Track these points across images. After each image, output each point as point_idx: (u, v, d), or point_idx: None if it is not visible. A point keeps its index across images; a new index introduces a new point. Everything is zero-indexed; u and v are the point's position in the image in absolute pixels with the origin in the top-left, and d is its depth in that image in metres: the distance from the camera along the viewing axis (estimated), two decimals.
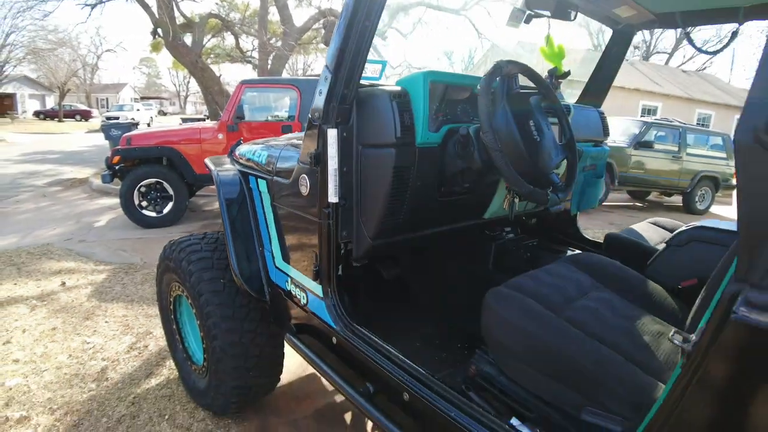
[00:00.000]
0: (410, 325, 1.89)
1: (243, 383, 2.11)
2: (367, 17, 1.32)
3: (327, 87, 1.41)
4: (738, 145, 0.64)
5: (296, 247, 1.75)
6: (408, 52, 19.72)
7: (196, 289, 2.05)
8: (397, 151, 1.45)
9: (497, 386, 1.25)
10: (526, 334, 1.14)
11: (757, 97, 0.62)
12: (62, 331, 3.26)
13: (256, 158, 2.04)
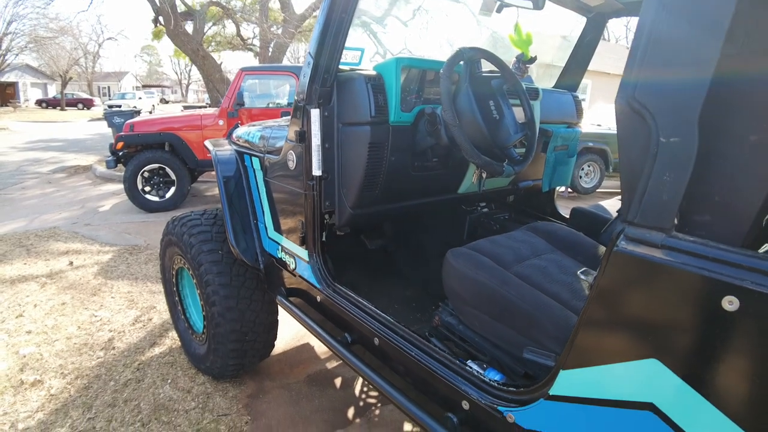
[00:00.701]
0: (392, 290, 2.08)
1: (240, 346, 2.31)
2: (344, 11, 1.49)
3: (309, 71, 1.59)
4: (617, 110, 0.81)
5: (286, 217, 1.94)
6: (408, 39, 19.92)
7: (197, 259, 2.24)
8: (372, 128, 1.63)
9: (457, 334, 1.45)
10: (475, 283, 1.33)
11: (628, 76, 0.80)
12: (71, 305, 3.47)
13: (250, 138, 2.23)
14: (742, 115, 0.76)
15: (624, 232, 0.82)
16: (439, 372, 1.26)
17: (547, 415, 0.99)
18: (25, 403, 2.42)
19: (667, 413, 0.78)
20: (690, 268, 0.73)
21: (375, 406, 2.50)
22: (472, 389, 1.17)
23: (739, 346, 0.71)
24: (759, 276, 0.67)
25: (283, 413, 2.42)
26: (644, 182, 0.77)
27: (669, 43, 0.76)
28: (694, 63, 0.73)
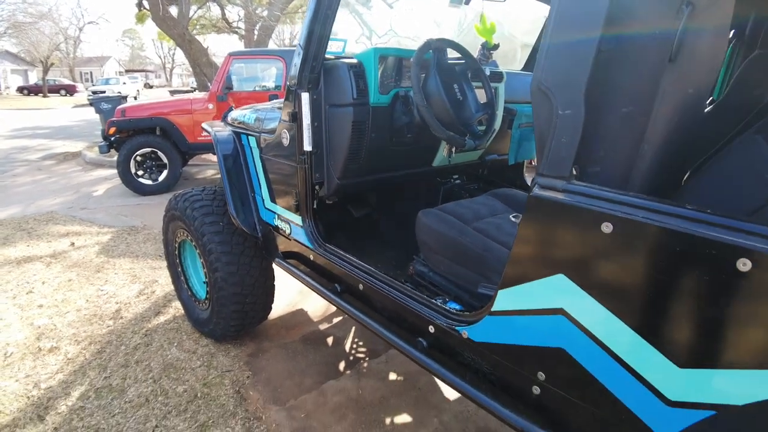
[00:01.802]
0: (375, 251, 2.36)
1: (241, 308, 2.59)
2: (329, 7, 1.76)
3: (300, 60, 1.85)
4: (531, 91, 1.09)
5: (281, 188, 2.22)
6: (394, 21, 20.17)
7: (200, 230, 2.51)
8: (355, 109, 1.90)
9: (427, 279, 1.74)
10: (440, 234, 1.61)
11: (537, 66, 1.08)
12: (77, 282, 3.73)
13: (246, 120, 2.49)
14: (616, 93, 1.04)
15: (537, 181, 1.11)
16: (411, 306, 1.55)
17: (491, 328, 1.28)
18: (45, 367, 2.68)
19: (572, 314, 1.07)
20: (581, 205, 1.01)
21: (364, 359, 2.81)
22: (437, 316, 1.46)
23: (616, 260, 1.00)
24: (627, 208, 0.96)
25: (280, 368, 2.71)
26: (549, 144, 1.05)
27: (562, 42, 1.04)
28: (579, 56, 1.01)
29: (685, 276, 0.91)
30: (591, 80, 0.99)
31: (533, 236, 1.13)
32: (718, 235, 0.85)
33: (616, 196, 0.97)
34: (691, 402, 0.94)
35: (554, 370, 1.15)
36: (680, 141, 1.20)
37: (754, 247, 0.81)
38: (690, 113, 1.23)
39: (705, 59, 1.19)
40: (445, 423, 2.34)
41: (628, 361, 1.00)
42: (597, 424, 1.11)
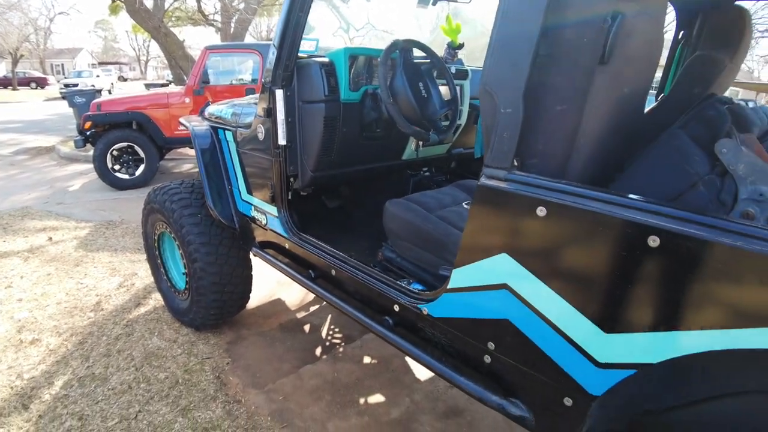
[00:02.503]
0: (348, 240, 2.49)
1: (220, 297, 2.69)
2: (301, 9, 1.87)
3: (274, 59, 1.97)
4: (479, 91, 1.23)
5: (257, 181, 2.33)
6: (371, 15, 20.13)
7: (179, 222, 2.61)
8: (326, 105, 2.03)
9: (395, 265, 1.87)
10: (405, 222, 1.75)
11: (484, 69, 1.22)
12: (56, 276, 3.79)
13: (223, 115, 2.59)
14: (551, 93, 1.18)
15: (484, 172, 1.25)
16: (379, 288, 1.69)
17: (447, 304, 1.42)
18: (27, 358, 2.76)
19: (515, 289, 1.21)
20: (520, 192, 1.16)
21: (340, 345, 2.94)
22: (401, 296, 1.60)
23: (550, 240, 1.14)
24: (558, 194, 1.10)
25: (259, 354, 2.83)
26: (493, 138, 1.19)
27: (503, 47, 1.17)
28: (517, 60, 1.15)
29: (606, 252, 1.05)
30: (529, 82, 1.13)
31: (481, 221, 1.27)
32: (632, 215, 1.00)
33: (549, 183, 1.11)
34: (616, 363, 1.09)
35: (502, 339, 1.30)
36: (619, 135, 1.35)
37: (661, 226, 0.96)
38: (627, 110, 1.38)
39: (639, 62, 1.34)
40: (417, 401, 2.49)
41: (564, 329, 1.15)
42: (540, 387, 1.26)
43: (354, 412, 2.40)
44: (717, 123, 1.24)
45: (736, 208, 1.14)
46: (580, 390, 1.17)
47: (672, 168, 1.22)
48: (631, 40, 1.20)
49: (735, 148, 1.16)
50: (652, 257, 0.98)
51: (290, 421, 2.33)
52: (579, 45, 1.15)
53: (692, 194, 1.17)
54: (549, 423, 1.28)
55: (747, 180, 1.14)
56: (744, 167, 1.14)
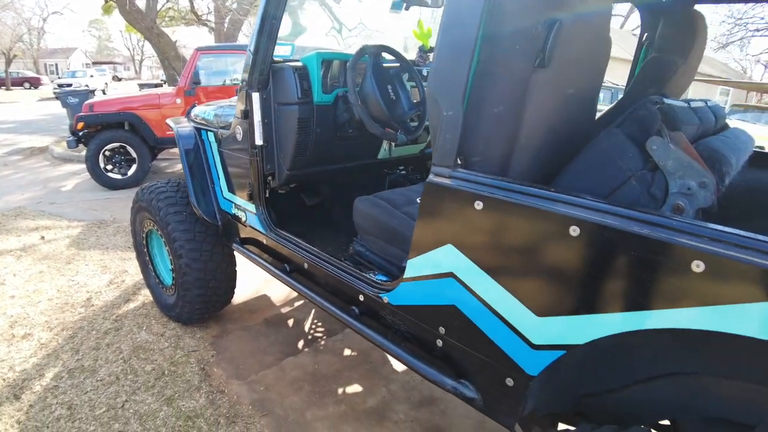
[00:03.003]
0: (326, 235, 2.62)
1: (204, 292, 2.81)
2: (274, 17, 2.00)
3: (250, 64, 2.09)
4: (426, 96, 1.36)
5: (236, 180, 2.46)
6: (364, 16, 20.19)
7: (165, 220, 2.73)
8: (300, 107, 2.15)
9: (365, 259, 2.00)
10: (372, 218, 1.87)
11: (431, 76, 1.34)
12: (48, 273, 3.90)
13: (206, 116, 2.72)
14: (489, 96, 1.31)
15: (431, 170, 1.37)
16: (346, 279, 1.81)
17: (404, 293, 1.54)
18: (18, 352, 2.88)
19: (460, 276, 1.34)
20: (461, 187, 1.28)
21: (321, 338, 3.07)
22: (365, 287, 1.73)
23: (487, 231, 1.26)
24: (492, 189, 1.23)
25: (243, 347, 2.96)
26: (438, 139, 1.32)
27: (445, 55, 1.30)
28: (457, 67, 1.27)
29: (534, 242, 1.18)
30: (468, 86, 1.26)
31: (429, 215, 1.40)
32: (555, 208, 1.12)
33: (484, 179, 1.24)
34: (548, 344, 1.21)
35: (450, 324, 1.42)
36: (567, 135, 1.46)
37: (580, 217, 1.08)
38: (576, 111, 1.50)
39: (583, 65, 1.46)
40: (393, 392, 2.62)
41: (502, 313, 1.27)
42: (485, 369, 1.39)
43: (332, 402, 2.53)
44: (648, 122, 1.36)
45: (668, 201, 1.26)
46: (519, 370, 1.29)
47: (607, 165, 1.33)
48: (573, 44, 1.32)
49: (664, 145, 1.28)
50: (573, 246, 1.11)
51: (270, 410, 2.45)
52: (513, 52, 1.27)
53: (626, 189, 1.29)
54: (494, 403, 1.40)
55: (676, 175, 1.25)
56: (672, 163, 1.25)
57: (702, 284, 0.94)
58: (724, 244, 0.91)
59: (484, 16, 1.23)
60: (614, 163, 1.31)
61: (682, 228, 0.96)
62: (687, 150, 1.33)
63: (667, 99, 1.56)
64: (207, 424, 2.34)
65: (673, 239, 0.96)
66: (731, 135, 1.82)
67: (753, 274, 0.87)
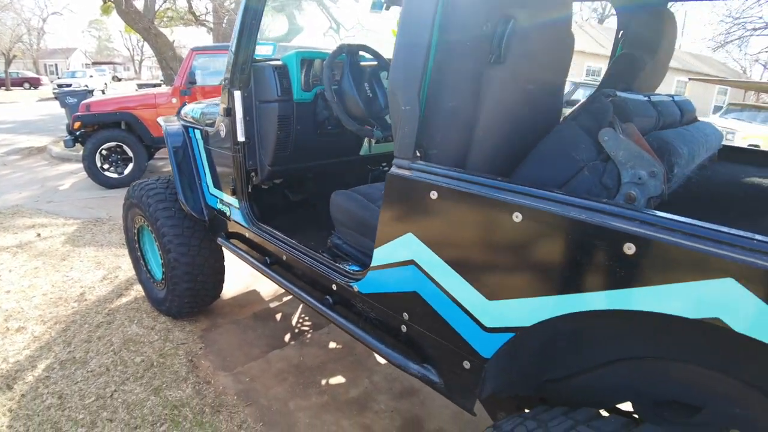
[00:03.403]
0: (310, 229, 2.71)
1: (193, 286, 2.91)
2: (253, 18, 2.09)
3: (231, 63, 2.18)
4: (388, 93, 1.45)
5: (221, 176, 2.55)
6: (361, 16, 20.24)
7: (154, 215, 2.82)
8: (280, 105, 2.24)
9: (342, 251, 2.08)
10: (347, 211, 1.96)
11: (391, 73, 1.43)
12: (43, 269, 4.00)
13: (193, 114, 2.81)
14: (444, 92, 1.39)
15: (393, 162, 1.46)
16: (320, 270, 1.90)
17: (371, 281, 1.62)
18: (12, 344, 2.97)
19: (420, 264, 1.42)
20: (418, 178, 1.37)
21: (308, 332, 3.16)
22: (338, 276, 1.81)
23: (442, 219, 1.35)
24: (445, 179, 1.31)
25: (231, 340, 3.05)
26: (398, 132, 1.41)
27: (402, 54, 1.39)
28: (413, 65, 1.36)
29: (482, 229, 1.26)
30: (425, 82, 1.35)
31: (391, 205, 1.49)
32: (499, 195, 1.20)
33: (439, 170, 1.33)
34: (499, 327, 1.29)
35: (413, 309, 1.51)
36: (530, 127, 1.54)
37: (522, 203, 1.16)
38: (539, 105, 1.58)
39: (543, 61, 1.54)
40: (375, 383, 2.70)
41: (458, 298, 1.36)
42: (445, 352, 1.47)
43: (315, 392, 2.62)
44: (601, 114, 1.43)
45: (621, 191, 1.33)
46: (474, 353, 1.37)
47: (561, 156, 1.40)
48: (530, 41, 1.39)
49: (615, 137, 1.35)
50: (517, 231, 1.18)
51: (255, 400, 2.54)
52: (466, 49, 1.36)
53: (579, 179, 1.36)
54: (454, 385, 1.48)
55: (627, 165, 1.31)
56: (623, 153, 1.32)
57: (634, 266, 1.00)
58: (654, 227, 0.97)
59: (438, 15, 1.31)
60: (568, 154, 1.37)
61: (614, 212, 1.03)
62: (638, 141, 1.40)
63: (622, 93, 1.64)
64: (192, 413, 2.43)
65: (606, 223, 1.03)
66: (694, 129, 1.89)
67: (680, 256, 0.94)
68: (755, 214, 1.98)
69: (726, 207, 2.04)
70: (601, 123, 1.40)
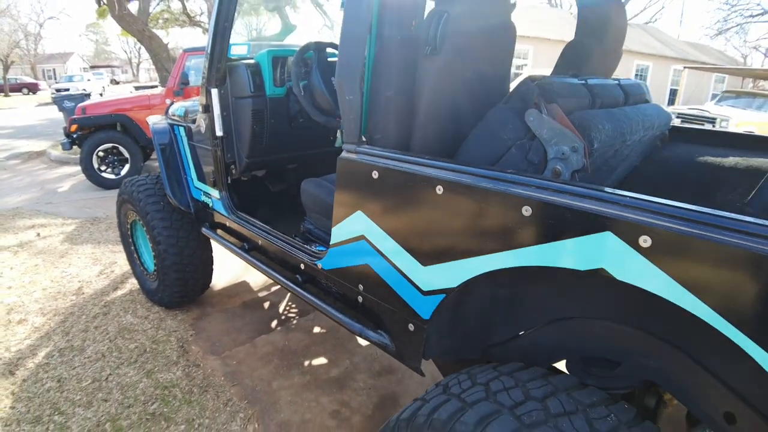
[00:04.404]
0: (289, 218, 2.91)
1: (182, 276, 3.11)
2: (226, 20, 2.29)
3: (207, 63, 2.39)
4: (336, 84, 1.64)
5: (203, 169, 2.75)
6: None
7: (144, 209, 3.03)
8: (253, 100, 2.45)
9: (314, 235, 2.28)
10: (314, 197, 2.16)
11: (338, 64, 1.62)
12: (43, 266, 4.22)
13: (179, 113, 3.01)
14: (383, 83, 1.57)
15: (343, 147, 1.66)
16: (291, 251, 2.10)
17: (331, 258, 1.82)
18: (14, 335, 3.18)
19: (369, 238, 1.61)
20: (363, 160, 1.56)
21: (293, 319, 3.36)
22: (305, 256, 2.01)
23: (383, 196, 1.53)
24: (384, 160, 1.50)
25: (220, 327, 3.25)
26: (345, 120, 1.61)
27: (345, 49, 1.58)
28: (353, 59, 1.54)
29: (413, 202, 1.44)
30: (367, 73, 1.54)
31: (343, 186, 1.68)
32: (426, 171, 1.39)
33: (380, 152, 1.52)
34: (432, 290, 1.47)
35: (366, 280, 1.70)
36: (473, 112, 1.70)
37: (444, 177, 1.34)
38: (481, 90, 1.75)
39: (483, 49, 1.72)
40: (355, 363, 2.90)
41: (400, 266, 1.54)
42: (393, 317, 1.65)
43: (298, 373, 2.82)
44: (527, 97, 1.61)
45: (548, 166, 1.49)
46: (416, 315, 1.55)
47: (492, 137, 1.57)
48: (466, 33, 1.58)
49: (539, 117, 1.50)
50: (440, 202, 1.36)
51: (240, 380, 2.74)
52: (399, 44, 1.55)
53: (508, 156, 1.54)
54: (403, 347, 1.66)
55: (551, 142, 1.47)
56: (547, 131, 1.47)
57: (531, 226, 1.17)
58: (545, 191, 1.14)
59: (374, 14, 1.51)
60: (497, 135, 1.54)
61: (512, 179, 1.21)
62: (560, 120, 1.56)
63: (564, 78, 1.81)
64: (182, 392, 2.63)
65: (508, 189, 1.20)
66: (632, 109, 2.01)
67: (567, 215, 1.10)
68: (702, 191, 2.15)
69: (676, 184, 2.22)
70: (528, 105, 1.55)
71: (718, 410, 1.17)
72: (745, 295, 0.88)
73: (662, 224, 0.95)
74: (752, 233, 0.86)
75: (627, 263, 1.02)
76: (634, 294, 1.04)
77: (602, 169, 1.84)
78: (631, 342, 1.32)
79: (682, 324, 1.10)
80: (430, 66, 1.55)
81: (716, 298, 0.92)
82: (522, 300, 1.54)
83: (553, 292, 1.44)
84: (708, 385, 1.17)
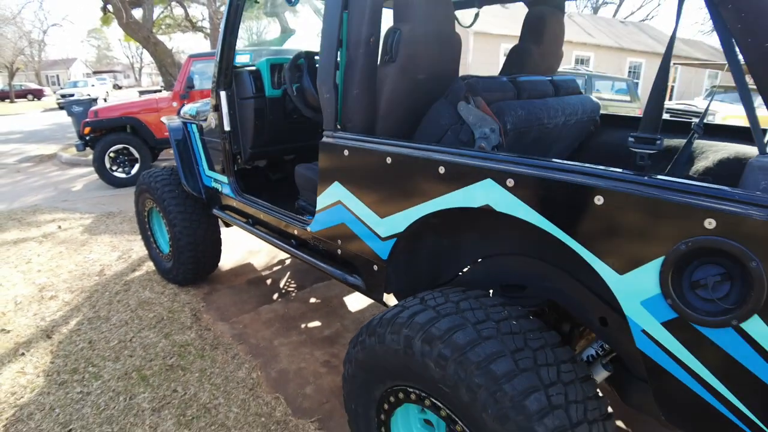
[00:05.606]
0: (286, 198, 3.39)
1: (195, 255, 3.62)
2: (231, 34, 2.80)
3: (217, 71, 2.90)
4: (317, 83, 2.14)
5: (213, 159, 3.27)
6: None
7: (162, 197, 3.54)
8: (255, 100, 2.96)
9: (306, 211, 2.78)
10: (306, 178, 2.64)
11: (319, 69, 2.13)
12: (67, 253, 4.75)
13: (191, 113, 3.53)
14: (351, 84, 2.05)
15: (323, 133, 2.16)
16: (287, 221, 2.60)
17: (317, 222, 2.31)
18: (48, 308, 3.70)
19: (344, 201, 2.10)
20: (339, 143, 2.06)
21: (292, 292, 3.87)
22: (297, 223, 2.52)
23: (351, 169, 2.02)
24: (352, 141, 2.00)
25: (227, 300, 3.76)
26: (324, 113, 2.11)
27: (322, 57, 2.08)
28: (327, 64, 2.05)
29: (372, 170, 1.92)
30: (340, 76, 2.04)
31: (324, 164, 2.19)
32: (380, 147, 1.88)
33: (351, 136, 2.02)
34: (387, 235, 1.95)
35: (343, 236, 2.20)
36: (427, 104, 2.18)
37: (393, 152, 1.83)
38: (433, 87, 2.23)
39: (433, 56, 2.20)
40: (345, 325, 3.40)
41: (365, 220, 2.02)
42: (362, 262, 2.14)
43: (295, 333, 3.32)
44: (459, 92, 2.07)
45: (476, 144, 1.96)
46: (377, 257, 2.04)
47: (434, 123, 2.05)
48: (417, 44, 2.05)
49: (466, 107, 1.98)
50: (389, 170, 1.85)
51: (246, 340, 3.25)
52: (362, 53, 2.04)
53: (446, 138, 2.00)
54: (370, 284, 2.14)
55: (476, 125, 1.94)
56: (473, 117, 1.95)
57: (445, 180, 1.65)
58: (452, 155, 1.63)
59: (343, 29, 2.01)
60: (437, 122, 2.03)
61: (433, 149, 1.70)
62: (483, 109, 2.02)
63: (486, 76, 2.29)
64: (195, 349, 3.14)
65: (432, 157, 1.68)
66: (555, 100, 2.40)
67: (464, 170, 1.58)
68: None
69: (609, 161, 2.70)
70: (460, 98, 2.02)
71: (595, 316, 1.64)
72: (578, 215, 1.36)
73: (520, 171, 1.45)
74: (575, 170, 1.35)
75: (501, 199, 1.50)
76: (527, 231, 1.50)
77: (533, 147, 2.32)
78: (534, 269, 1.78)
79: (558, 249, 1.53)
80: (388, 70, 2.04)
81: (561, 220, 1.39)
82: (458, 246, 2.03)
83: (477, 236, 1.94)
84: (585, 297, 1.63)
